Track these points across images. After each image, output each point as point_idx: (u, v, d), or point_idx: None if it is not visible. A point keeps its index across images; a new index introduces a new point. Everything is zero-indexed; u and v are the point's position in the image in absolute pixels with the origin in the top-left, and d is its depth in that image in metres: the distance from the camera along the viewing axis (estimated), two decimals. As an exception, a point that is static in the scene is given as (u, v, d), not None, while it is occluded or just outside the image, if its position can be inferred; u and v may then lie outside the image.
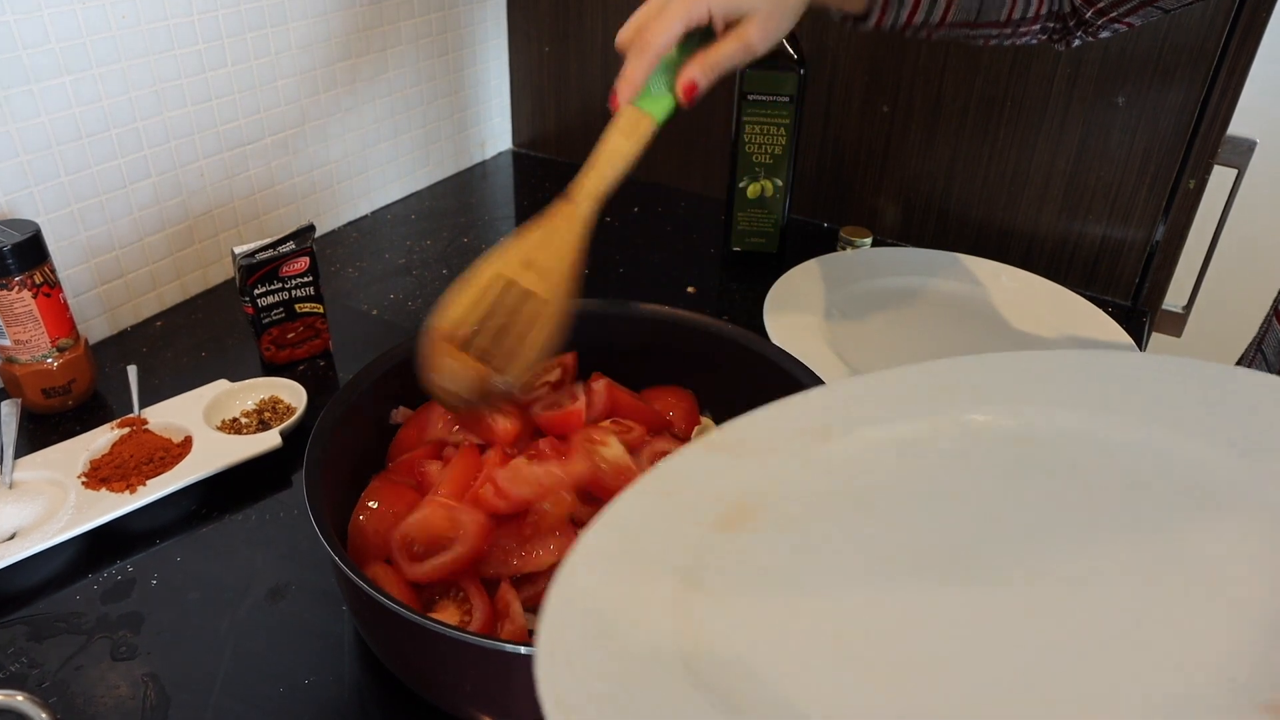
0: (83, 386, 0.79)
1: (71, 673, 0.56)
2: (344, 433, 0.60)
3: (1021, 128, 1.01)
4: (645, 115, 0.62)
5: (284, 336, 0.84)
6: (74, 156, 0.81)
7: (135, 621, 0.60)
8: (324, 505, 0.53)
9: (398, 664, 0.54)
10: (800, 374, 0.66)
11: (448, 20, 1.17)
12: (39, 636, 0.58)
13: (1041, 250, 1.06)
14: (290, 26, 0.96)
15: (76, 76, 0.79)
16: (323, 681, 0.56)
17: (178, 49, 0.86)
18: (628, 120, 0.62)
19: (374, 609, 0.49)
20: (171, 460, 0.70)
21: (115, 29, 0.81)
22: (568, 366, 0.73)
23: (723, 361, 0.70)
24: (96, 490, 0.67)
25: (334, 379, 0.85)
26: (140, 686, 0.55)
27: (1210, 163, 0.94)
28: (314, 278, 0.84)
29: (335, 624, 0.60)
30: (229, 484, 0.70)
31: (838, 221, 1.16)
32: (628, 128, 0.62)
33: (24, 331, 0.74)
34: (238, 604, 0.61)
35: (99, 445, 0.71)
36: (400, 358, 0.67)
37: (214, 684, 0.55)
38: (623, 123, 0.62)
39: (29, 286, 0.72)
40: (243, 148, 0.96)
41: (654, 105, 0.62)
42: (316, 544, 0.52)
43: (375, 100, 1.11)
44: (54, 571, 0.63)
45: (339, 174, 1.10)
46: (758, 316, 0.90)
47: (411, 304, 0.97)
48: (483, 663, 0.47)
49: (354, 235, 1.10)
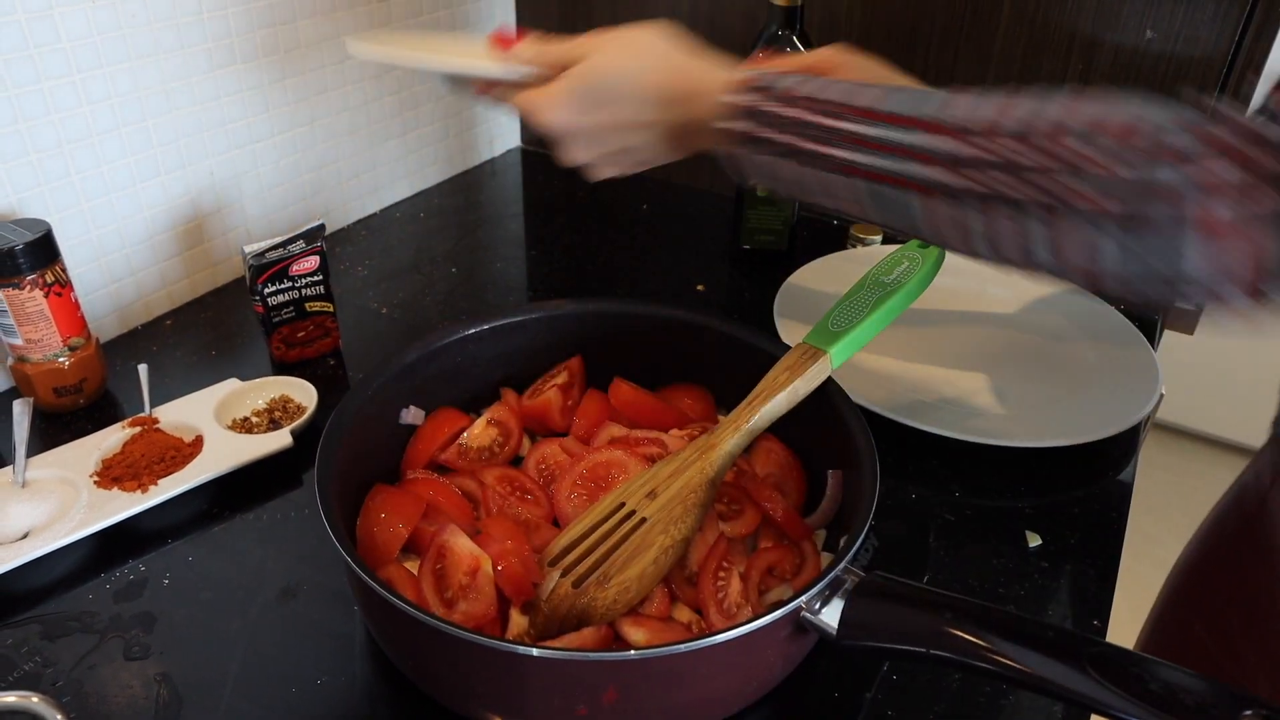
0: (94, 385, 0.79)
1: (85, 672, 0.56)
2: (356, 432, 0.60)
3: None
4: (819, 352, 0.61)
5: (294, 335, 0.84)
6: (84, 155, 0.81)
7: (148, 621, 0.60)
8: (336, 506, 0.54)
9: (409, 664, 0.54)
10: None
11: (456, 17, 1.17)
12: (52, 635, 0.58)
13: (1052, 248, 1.05)
14: (299, 24, 0.96)
15: (86, 75, 0.79)
16: (334, 682, 0.56)
17: (187, 47, 0.86)
18: (798, 355, 0.62)
19: (385, 609, 0.49)
20: (183, 459, 0.70)
21: (124, 28, 0.81)
22: (574, 370, 0.73)
23: (735, 360, 0.70)
24: (108, 489, 0.67)
25: (344, 378, 0.85)
26: (153, 686, 0.55)
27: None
28: (324, 276, 0.84)
29: (347, 624, 0.60)
30: (240, 483, 0.70)
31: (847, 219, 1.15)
32: (796, 363, 0.61)
33: (36, 330, 0.74)
34: (249, 604, 0.61)
35: (111, 444, 0.71)
36: (411, 357, 0.67)
37: (226, 684, 0.56)
38: (792, 358, 0.62)
39: (40, 286, 0.73)
40: (251, 146, 0.96)
41: (829, 342, 0.61)
42: (327, 544, 0.52)
43: (383, 98, 1.10)
44: (66, 570, 0.63)
45: (347, 172, 1.10)
46: (768, 314, 0.89)
47: (421, 302, 0.97)
48: (494, 663, 0.47)
49: (363, 233, 1.10)
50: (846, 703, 0.56)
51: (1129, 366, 0.85)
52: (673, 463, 0.60)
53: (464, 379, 0.71)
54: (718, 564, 0.58)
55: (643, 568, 0.55)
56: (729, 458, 0.60)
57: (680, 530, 0.57)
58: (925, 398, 0.80)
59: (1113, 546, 0.68)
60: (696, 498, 0.58)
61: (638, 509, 0.58)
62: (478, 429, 0.69)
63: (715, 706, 0.53)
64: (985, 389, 0.83)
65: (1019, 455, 0.75)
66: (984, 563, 0.66)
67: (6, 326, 0.74)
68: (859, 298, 0.67)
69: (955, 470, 0.75)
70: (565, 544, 0.57)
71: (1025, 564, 0.66)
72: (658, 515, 0.57)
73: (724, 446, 0.59)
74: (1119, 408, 0.78)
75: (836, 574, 0.49)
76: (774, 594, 0.59)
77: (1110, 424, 0.76)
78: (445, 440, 0.68)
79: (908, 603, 0.47)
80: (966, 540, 0.68)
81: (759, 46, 0.91)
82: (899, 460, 0.75)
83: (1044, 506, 0.72)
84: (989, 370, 0.86)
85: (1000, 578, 0.65)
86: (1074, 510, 0.72)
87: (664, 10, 1.14)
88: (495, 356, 0.72)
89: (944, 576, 0.65)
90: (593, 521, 0.58)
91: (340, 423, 0.59)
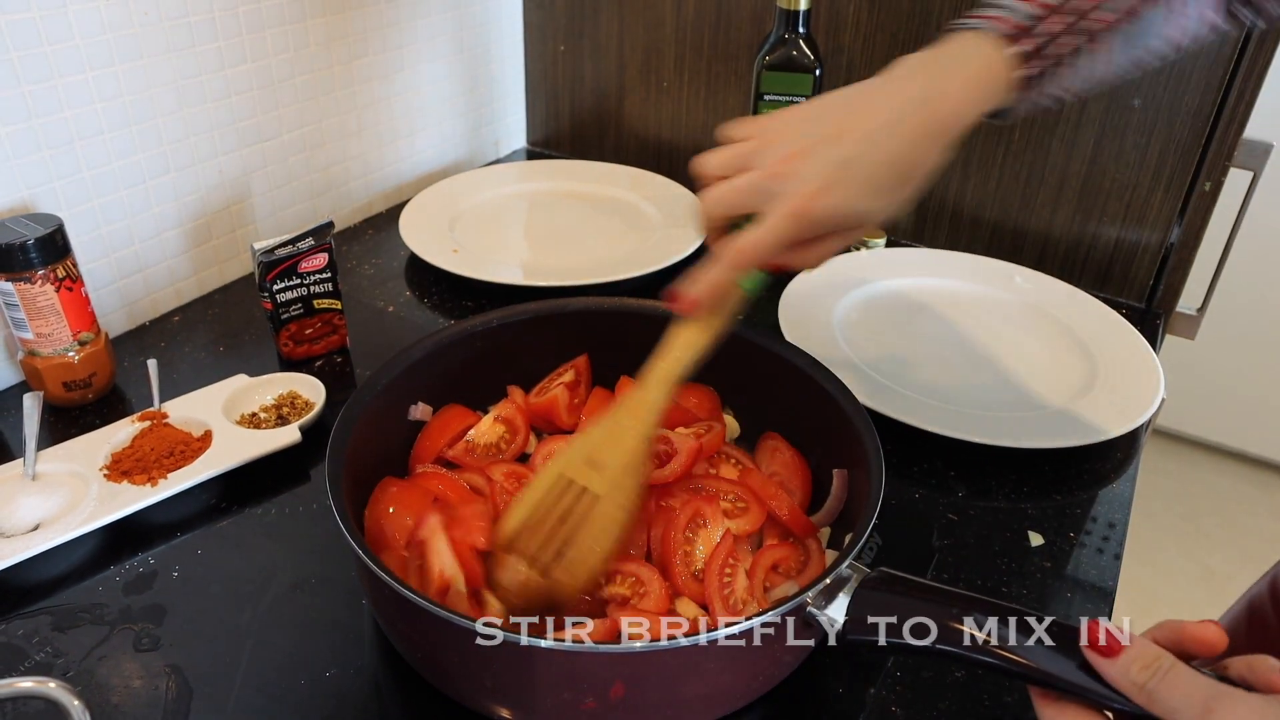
0: (103, 380, 0.79)
1: (95, 663, 0.57)
2: (365, 428, 0.61)
3: (1036, 129, 1.01)
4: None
5: (302, 332, 0.85)
6: (95, 152, 0.82)
7: (157, 613, 0.60)
8: (346, 499, 0.54)
9: (417, 657, 0.55)
10: (816, 373, 0.66)
11: (463, 19, 1.18)
12: (62, 627, 0.59)
13: (1055, 252, 1.06)
14: (308, 24, 0.97)
15: (99, 73, 0.80)
16: (344, 674, 0.56)
17: (198, 46, 0.87)
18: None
19: (395, 602, 0.49)
20: (192, 454, 0.70)
21: (137, 26, 0.81)
22: (580, 368, 0.73)
23: (739, 360, 0.71)
24: (118, 483, 0.67)
25: (351, 375, 0.85)
26: (163, 678, 0.56)
27: (1226, 165, 0.94)
28: (332, 274, 0.84)
29: (355, 617, 0.60)
30: (248, 478, 0.71)
31: (851, 221, 1.16)
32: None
33: (46, 325, 0.74)
34: (258, 597, 0.62)
35: (120, 438, 0.71)
36: (419, 354, 0.67)
37: (235, 676, 0.56)
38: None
39: (51, 280, 0.73)
40: (261, 144, 0.97)
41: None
42: (335, 538, 0.52)
43: (391, 98, 1.11)
44: (77, 563, 0.64)
45: (355, 171, 1.10)
46: (772, 315, 0.90)
47: (427, 301, 0.97)
48: (503, 656, 0.48)
49: (369, 232, 1.11)
50: (851, 699, 0.56)
51: (1131, 369, 0.85)
52: (604, 426, 0.59)
53: (471, 376, 0.72)
54: (724, 561, 0.58)
55: (608, 547, 0.56)
56: (661, 413, 0.59)
57: (632, 498, 0.57)
58: (929, 399, 0.80)
59: (1114, 547, 0.69)
60: (640, 463, 0.58)
61: (586, 482, 0.57)
62: (485, 426, 0.70)
63: (721, 702, 0.53)
64: (989, 390, 0.83)
65: (1022, 456, 0.76)
66: (987, 562, 0.67)
67: (17, 320, 0.74)
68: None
69: (959, 470, 0.75)
70: (517, 526, 0.57)
71: (1028, 563, 0.67)
72: (610, 491, 0.57)
73: (655, 404, 0.58)
74: (1121, 410, 0.79)
75: (841, 570, 0.50)
76: (779, 591, 0.59)
77: (1113, 426, 0.76)
78: (453, 437, 0.69)
79: (912, 598, 0.48)
80: (969, 539, 0.69)
81: (765, 50, 0.92)
82: (903, 460, 0.76)
83: (1047, 507, 0.72)
84: (993, 372, 0.86)
85: (1003, 576, 0.66)
86: (1076, 511, 0.72)
87: (670, 15, 1.15)
88: (503, 354, 0.73)
89: (947, 575, 0.66)
90: (538, 499, 0.57)
91: (350, 418, 0.60)
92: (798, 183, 0.52)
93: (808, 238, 0.54)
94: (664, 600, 0.57)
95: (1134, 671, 0.39)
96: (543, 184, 1.21)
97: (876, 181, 0.53)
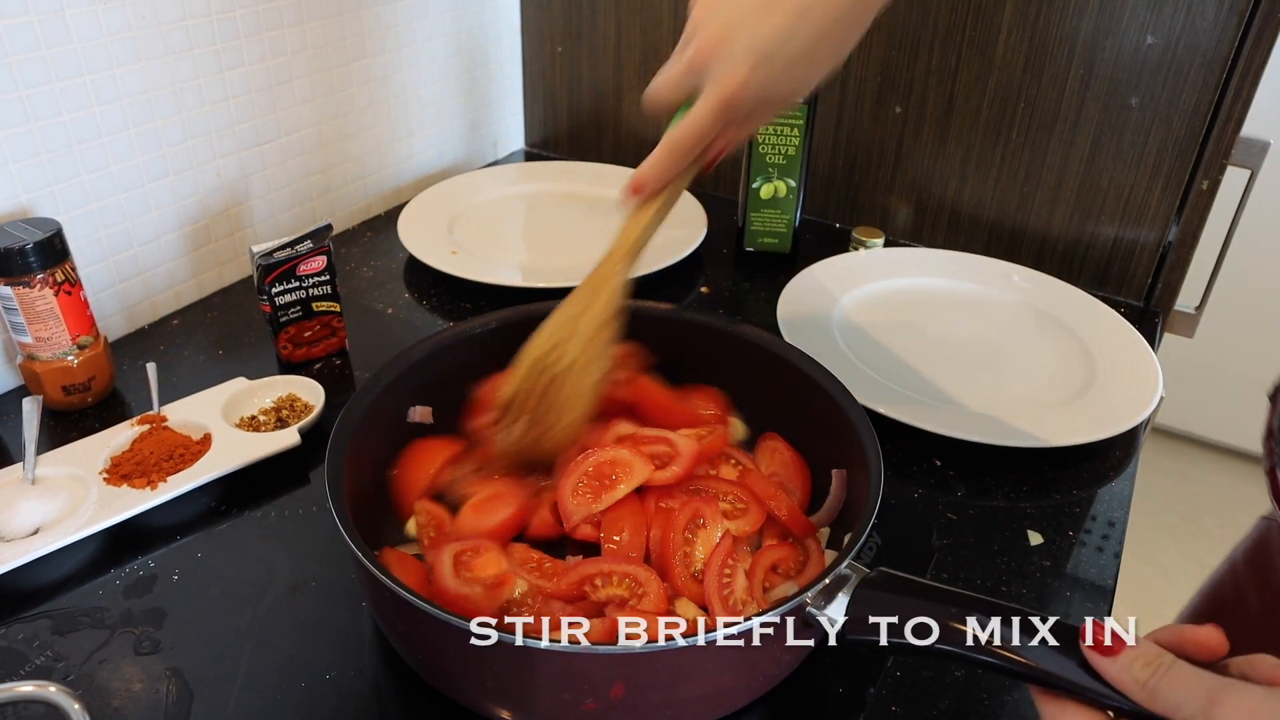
0: (102, 384, 0.79)
1: (95, 666, 0.57)
2: (364, 430, 0.61)
3: (1034, 128, 1.01)
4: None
5: (301, 335, 0.85)
6: (93, 155, 0.82)
7: (157, 617, 0.60)
8: (345, 501, 0.54)
9: (417, 659, 0.55)
10: (816, 373, 0.66)
11: (460, 20, 1.18)
12: (62, 630, 0.59)
13: (1054, 251, 1.06)
14: (306, 27, 0.97)
15: (96, 76, 0.80)
16: (344, 676, 0.56)
17: (196, 49, 0.87)
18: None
19: (395, 604, 0.49)
20: (191, 457, 0.70)
21: (134, 29, 0.81)
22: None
23: (742, 362, 0.71)
24: (118, 486, 0.67)
25: (350, 377, 0.85)
26: (163, 681, 0.56)
27: (1224, 164, 0.94)
28: (331, 276, 0.84)
29: (355, 619, 0.60)
30: (248, 481, 0.71)
31: (850, 222, 1.16)
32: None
33: (45, 329, 0.74)
34: (258, 599, 0.62)
35: (120, 442, 0.71)
36: (418, 356, 0.67)
37: (236, 678, 0.56)
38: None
39: (50, 284, 0.73)
40: (259, 147, 0.97)
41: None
42: (335, 541, 0.52)
43: (389, 100, 1.11)
44: (76, 566, 0.64)
45: (353, 173, 1.10)
46: (771, 315, 0.90)
47: (426, 303, 0.97)
48: (502, 657, 0.48)
49: (368, 234, 1.11)
50: (851, 698, 0.56)
51: (1130, 368, 0.85)
52: (570, 308, 0.63)
53: (471, 378, 0.72)
54: (723, 561, 0.58)
55: (581, 410, 0.62)
56: (626, 287, 0.63)
57: (601, 366, 0.62)
58: (928, 398, 0.81)
59: (1114, 546, 0.69)
60: (607, 324, 0.62)
61: (551, 361, 0.62)
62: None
63: (721, 702, 0.53)
64: (988, 390, 0.83)
65: (1021, 455, 0.76)
66: (986, 561, 0.67)
67: (16, 324, 0.74)
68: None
69: (958, 470, 0.75)
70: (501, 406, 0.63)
71: (1027, 562, 0.67)
72: (578, 357, 0.61)
73: (618, 277, 0.62)
74: (1120, 409, 0.79)
75: (841, 570, 0.50)
76: (778, 591, 0.60)
77: (1112, 425, 0.76)
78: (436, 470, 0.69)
79: (912, 597, 0.48)
80: (969, 539, 0.69)
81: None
82: (903, 460, 0.76)
83: (1046, 506, 0.72)
84: (992, 371, 0.87)
85: (1002, 576, 0.66)
86: (1075, 510, 0.72)
87: (668, 15, 1.15)
88: (502, 356, 0.72)
89: (947, 574, 0.66)
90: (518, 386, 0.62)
91: (350, 421, 0.60)
92: (725, 65, 0.53)
93: (738, 119, 0.56)
94: (662, 601, 0.57)
95: (1136, 669, 0.39)
96: (541, 185, 1.21)
97: (805, 58, 0.53)
